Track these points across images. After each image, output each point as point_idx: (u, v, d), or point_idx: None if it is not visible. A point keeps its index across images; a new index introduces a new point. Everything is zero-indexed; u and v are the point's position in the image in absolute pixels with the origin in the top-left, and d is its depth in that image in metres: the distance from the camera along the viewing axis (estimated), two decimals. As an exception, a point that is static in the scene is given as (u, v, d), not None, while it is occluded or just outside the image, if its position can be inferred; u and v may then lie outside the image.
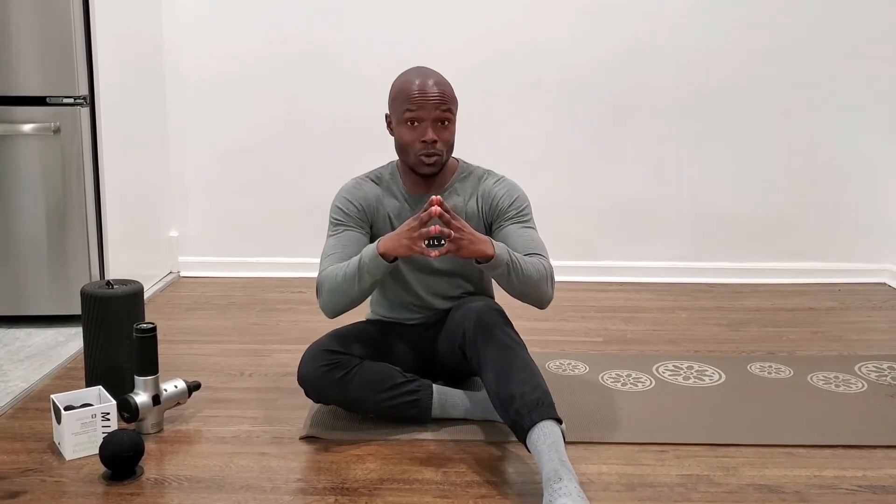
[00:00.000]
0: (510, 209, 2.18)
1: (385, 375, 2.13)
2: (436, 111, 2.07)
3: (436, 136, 2.07)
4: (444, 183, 2.22)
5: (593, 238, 3.79)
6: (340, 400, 2.15)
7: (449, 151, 2.15)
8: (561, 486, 1.69)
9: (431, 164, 2.10)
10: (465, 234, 1.90)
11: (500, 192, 2.20)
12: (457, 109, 2.15)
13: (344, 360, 2.11)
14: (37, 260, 2.96)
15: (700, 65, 3.64)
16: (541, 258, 2.08)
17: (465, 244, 1.90)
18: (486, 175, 2.26)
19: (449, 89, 2.11)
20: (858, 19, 3.59)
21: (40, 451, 2.04)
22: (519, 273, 1.99)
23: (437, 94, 2.07)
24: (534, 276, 2.02)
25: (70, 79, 2.86)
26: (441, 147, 2.09)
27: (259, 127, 3.71)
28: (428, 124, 2.07)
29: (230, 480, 1.90)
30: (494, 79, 3.64)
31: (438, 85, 2.09)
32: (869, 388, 2.50)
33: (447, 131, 2.10)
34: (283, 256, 3.80)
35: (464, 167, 2.27)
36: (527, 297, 2.07)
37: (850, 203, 3.75)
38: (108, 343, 2.25)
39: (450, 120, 2.10)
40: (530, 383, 1.90)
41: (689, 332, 3.05)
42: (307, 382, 2.13)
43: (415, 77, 2.10)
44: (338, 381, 2.10)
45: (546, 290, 2.07)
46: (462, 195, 2.22)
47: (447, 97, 2.09)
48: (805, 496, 1.86)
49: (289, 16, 3.62)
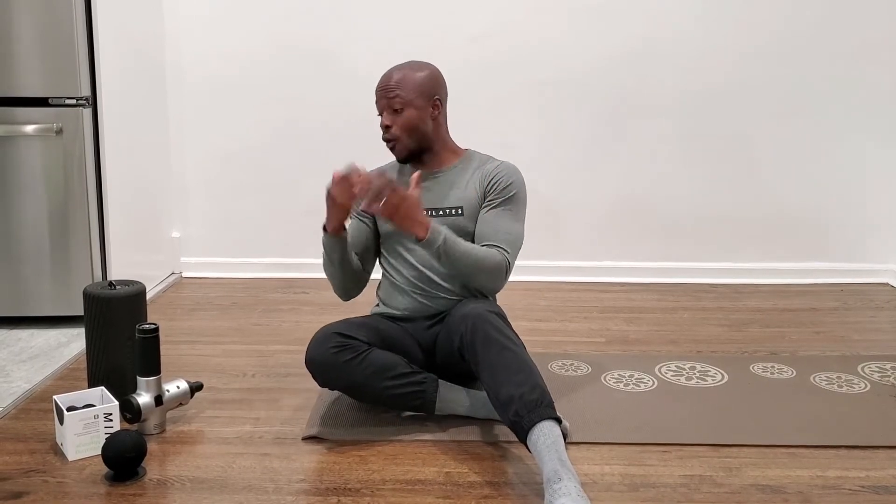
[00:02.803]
0: (500, 193, 2.28)
1: (392, 363, 2.14)
2: (383, 99, 2.26)
3: (388, 122, 2.25)
4: (444, 165, 2.35)
5: (595, 238, 3.79)
6: (346, 384, 2.15)
7: (411, 135, 2.28)
8: (561, 487, 1.69)
9: (391, 148, 2.29)
10: (401, 208, 2.03)
11: (499, 173, 2.30)
12: (419, 97, 2.26)
13: (353, 345, 2.12)
14: (39, 261, 2.96)
15: (702, 64, 3.63)
16: (499, 250, 2.19)
17: (395, 216, 2.04)
18: (490, 159, 2.37)
19: (408, 77, 2.25)
20: (859, 18, 3.59)
21: (43, 451, 2.04)
22: (453, 259, 2.13)
23: (390, 84, 2.24)
24: (470, 267, 2.15)
25: (72, 80, 2.87)
26: (396, 132, 2.26)
27: (261, 127, 3.72)
28: (383, 112, 2.27)
29: (232, 481, 1.90)
30: (494, 79, 3.64)
31: (397, 73, 2.26)
32: (872, 388, 2.49)
33: (400, 117, 2.25)
34: (285, 257, 3.80)
35: (471, 153, 2.39)
36: (465, 282, 2.25)
37: (852, 203, 3.75)
38: (111, 344, 2.25)
39: (403, 104, 2.24)
40: (529, 383, 1.90)
41: (692, 333, 3.05)
42: (315, 365, 2.13)
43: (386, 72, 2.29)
44: (345, 364, 2.10)
45: (484, 281, 2.20)
46: (464, 173, 2.32)
47: (399, 84, 2.24)
48: (808, 497, 1.85)
49: (290, 16, 3.62)
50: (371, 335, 2.19)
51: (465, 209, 2.28)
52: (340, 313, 3.06)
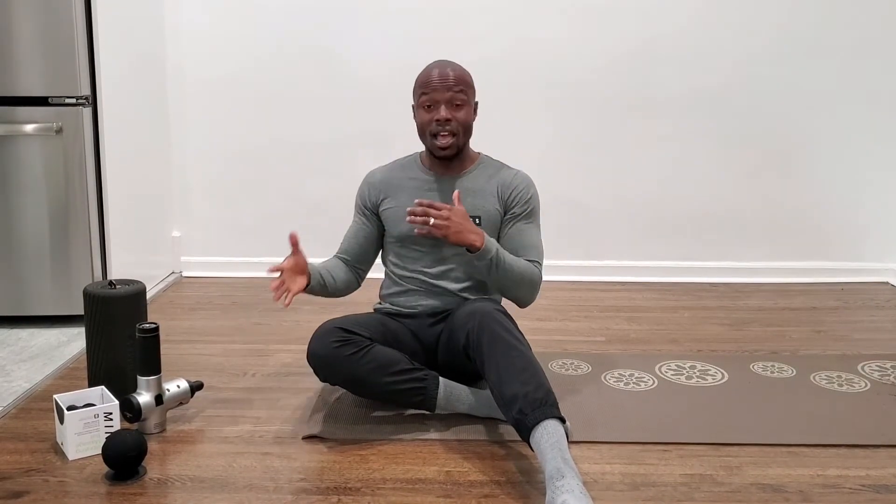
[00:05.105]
0: (525, 206, 2.31)
1: (395, 359, 2.14)
2: (448, 92, 2.21)
3: (449, 115, 2.21)
4: (464, 168, 2.34)
5: (596, 238, 3.79)
6: (348, 379, 2.14)
7: (465, 134, 2.27)
8: (563, 484, 1.69)
9: (445, 144, 2.23)
10: (452, 223, 2.06)
11: (518, 185, 2.32)
12: (473, 96, 2.28)
13: (355, 339, 2.12)
14: (39, 260, 2.96)
15: (702, 64, 3.63)
16: (534, 265, 2.24)
17: (450, 233, 2.06)
18: (503, 167, 2.38)
19: (465, 76, 2.25)
20: (859, 19, 3.59)
21: (43, 451, 2.04)
22: (503, 271, 2.15)
23: (451, 77, 2.21)
24: (515, 278, 2.19)
25: (72, 79, 2.87)
26: (455, 126, 2.23)
27: (261, 127, 3.71)
28: (441, 105, 2.21)
29: (233, 480, 1.90)
30: (495, 79, 3.64)
31: (454, 71, 2.24)
32: (872, 387, 2.49)
33: (461, 112, 2.23)
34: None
35: (484, 158, 2.39)
36: (505, 293, 2.25)
37: (853, 202, 3.75)
38: (111, 343, 2.25)
39: (464, 102, 2.23)
40: (533, 382, 1.91)
41: (692, 332, 3.05)
42: (317, 359, 2.13)
43: (434, 66, 2.26)
44: (348, 359, 2.10)
45: (524, 294, 2.24)
46: (481, 179, 2.33)
47: (461, 80, 2.22)
48: (808, 495, 1.85)
49: (291, 17, 3.62)
50: (373, 331, 2.19)
51: (482, 219, 2.28)
52: (341, 312, 3.05)
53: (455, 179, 2.32)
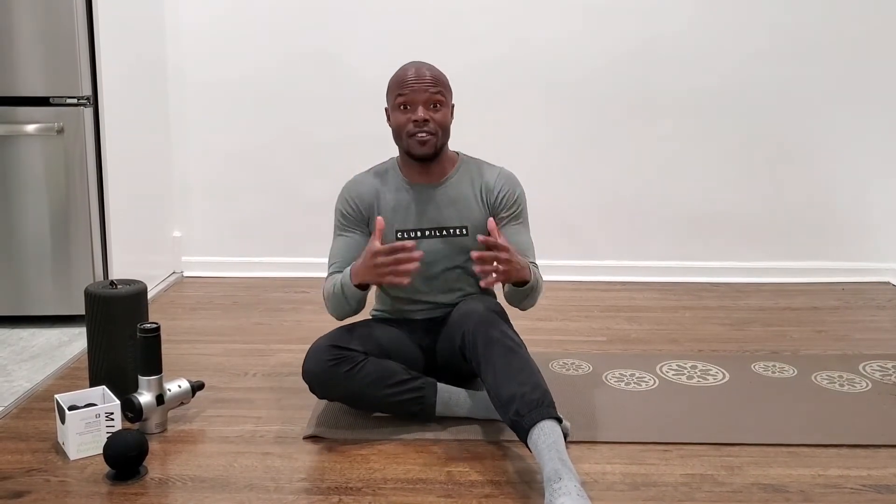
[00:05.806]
0: (513, 208, 2.27)
1: (390, 371, 2.14)
2: (425, 93, 2.14)
3: (426, 115, 2.13)
4: (444, 173, 2.27)
5: (596, 237, 3.79)
6: (346, 395, 2.15)
7: (444, 135, 2.20)
8: (561, 486, 1.69)
9: (424, 142, 2.15)
10: (512, 266, 1.98)
11: (503, 187, 2.27)
12: (451, 97, 2.22)
13: (349, 356, 2.11)
14: (40, 260, 2.96)
15: (702, 64, 3.63)
16: (537, 269, 2.23)
17: (512, 273, 2.00)
18: (485, 166, 2.32)
19: (442, 77, 2.19)
20: (859, 19, 3.58)
21: (44, 450, 2.04)
22: (536, 293, 2.18)
23: (428, 77, 2.15)
24: (540, 292, 2.21)
25: (73, 79, 2.87)
26: (433, 126, 2.15)
27: (262, 127, 3.72)
28: (419, 105, 2.14)
29: (234, 480, 1.91)
30: (495, 79, 3.64)
31: (430, 71, 2.17)
32: (873, 387, 2.49)
33: (439, 113, 2.16)
34: (286, 256, 3.81)
35: (464, 158, 2.32)
36: (526, 305, 2.23)
37: (853, 202, 3.75)
38: (112, 343, 2.25)
39: (441, 103, 2.16)
40: (530, 383, 1.90)
41: (693, 332, 3.05)
42: (313, 377, 2.12)
43: (409, 66, 2.19)
44: (343, 376, 2.09)
45: (533, 302, 2.24)
46: (463, 185, 2.26)
47: (438, 81, 2.16)
48: (809, 496, 1.85)
49: (291, 18, 3.62)
50: (367, 343, 2.17)
51: (469, 229, 2.23)
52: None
53: (436, 188, 2.25)
